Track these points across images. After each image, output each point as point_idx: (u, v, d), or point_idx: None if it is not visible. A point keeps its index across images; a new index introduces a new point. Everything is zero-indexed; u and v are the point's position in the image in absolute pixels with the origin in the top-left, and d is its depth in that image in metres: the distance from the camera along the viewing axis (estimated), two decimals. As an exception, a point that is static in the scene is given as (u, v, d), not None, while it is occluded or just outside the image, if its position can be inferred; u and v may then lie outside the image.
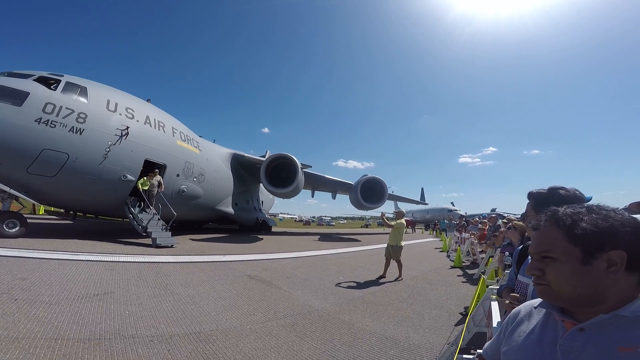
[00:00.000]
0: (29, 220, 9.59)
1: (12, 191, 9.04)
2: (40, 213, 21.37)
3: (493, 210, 37.83)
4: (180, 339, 3.25)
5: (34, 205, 18.08)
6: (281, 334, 3.59)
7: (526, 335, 0.87)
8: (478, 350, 1.26)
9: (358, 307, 4.90)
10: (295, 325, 3.91)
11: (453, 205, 51.05)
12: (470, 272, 8.67)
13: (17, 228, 8.95)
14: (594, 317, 0.74)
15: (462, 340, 2.73)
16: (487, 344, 1.08)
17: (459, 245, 12.22)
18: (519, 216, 7.58)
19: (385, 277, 7.21)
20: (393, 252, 7.35)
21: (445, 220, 24.06)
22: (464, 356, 2.66)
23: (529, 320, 0.91)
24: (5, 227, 8.69)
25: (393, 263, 7.44)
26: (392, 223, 7.53)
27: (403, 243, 7.48)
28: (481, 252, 9.77)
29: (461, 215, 25.34)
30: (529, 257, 0.92)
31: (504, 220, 7.34)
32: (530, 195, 1.77)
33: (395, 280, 7.02)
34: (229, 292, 5.30)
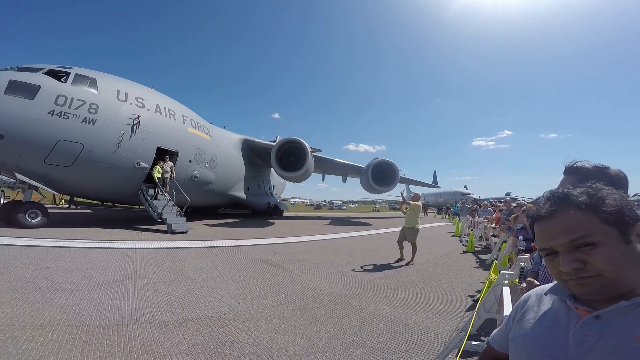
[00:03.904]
0: (49, 211, 9.97)
1: (32, 182, 9.38)
2: (61, 204, 22.14)
3: (507, 194, 37.19)
4: (195, 323, 3.36)
5: (54, 195, 18.77)
6: (291, 318, 3.66)
7: (536, 322, 0.83)
8: (487, 337, 1.24)
9: (368, 291, 4.94)
10: (305, 309, 3.98)
11: (466, 189, 50.33)
12: (482, 257, 8.58)
13: (39, 218, 9.35)
14: (613, 304, 0.68)
15: (472, 326, 2.72)
16: (495, 331, 1.05)
17: (472, 230, 12.08)
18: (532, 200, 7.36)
19: (403, 258, 7.26)
20: (409, 235, 7.35)
21: (458, 204, 23.73)
22: (474, 342, 2.65)
23: (540, 307, 0.86)
24: (28, 217, 9.09)
25: (406, 246, 7.44)
26: (412, 203, 7.57)
27: (420, 226, 7.49)
28: (494, 236, 9.64)
29: (474, 199, 24.93)
30: None
31: (514, 205, 7.17)
32: (573, 169, 1.54)
33: (406, 264, 7.03)
34: (241, 276, 5.42)
